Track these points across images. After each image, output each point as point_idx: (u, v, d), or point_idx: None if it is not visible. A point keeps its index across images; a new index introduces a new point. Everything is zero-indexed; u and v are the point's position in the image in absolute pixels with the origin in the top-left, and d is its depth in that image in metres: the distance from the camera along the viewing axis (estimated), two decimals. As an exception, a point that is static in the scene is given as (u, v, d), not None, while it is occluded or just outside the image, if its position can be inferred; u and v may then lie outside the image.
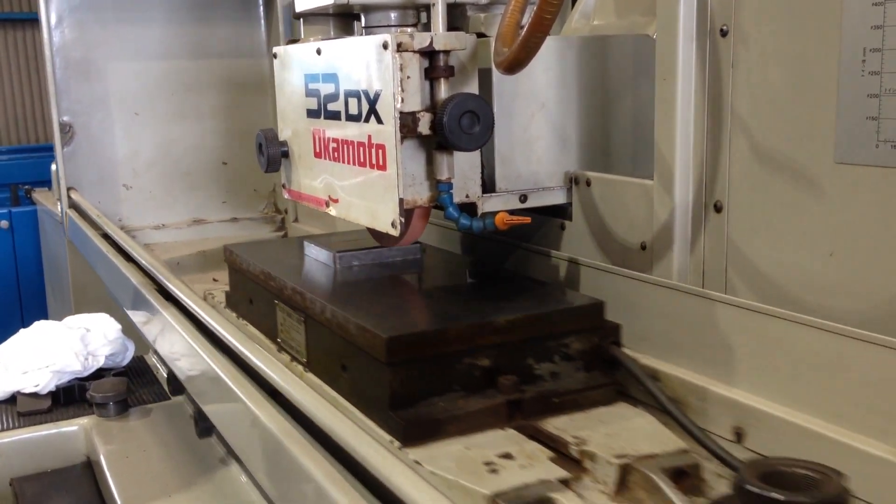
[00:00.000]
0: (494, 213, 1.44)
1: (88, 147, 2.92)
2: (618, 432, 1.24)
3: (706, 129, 1.30)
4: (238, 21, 3.09)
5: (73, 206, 2.83)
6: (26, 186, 5.10)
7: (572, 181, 1.56)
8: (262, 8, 3.11)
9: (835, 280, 1.14)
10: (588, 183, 1.52)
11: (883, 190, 1.07)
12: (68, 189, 2.88)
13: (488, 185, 1.52)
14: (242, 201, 3.19)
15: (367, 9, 1.55)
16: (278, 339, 1.69)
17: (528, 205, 1.55)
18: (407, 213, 1.41)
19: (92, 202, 2.89)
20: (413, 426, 1.22)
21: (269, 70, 3.14)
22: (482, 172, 1.47)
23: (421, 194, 1.41)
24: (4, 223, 5.08)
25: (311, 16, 1.66)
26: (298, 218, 3.12)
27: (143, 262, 1.92)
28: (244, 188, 3.18)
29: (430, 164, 1.40)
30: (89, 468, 1.98)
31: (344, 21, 1.67)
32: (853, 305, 1.12)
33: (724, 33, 1.25)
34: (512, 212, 1.46)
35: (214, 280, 2.71)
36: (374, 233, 1.67)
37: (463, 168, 1.44)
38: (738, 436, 1.24)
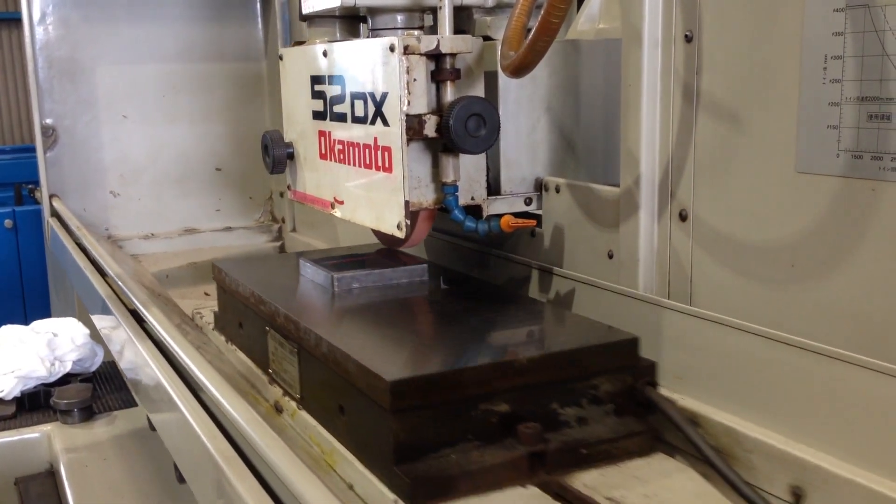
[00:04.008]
0: (499, 216, 1.45)
1: (73, 152, 2.75)
2: (658, 492, 1.08)
3: (672, 136, 1.28)
4: (234, 21, 2.92)
5: (55, 214, 2.66)
6: (30, 186, 5.04)
7: (542, 188, 1.54)
8: (259, 7, 2.94)
9: (795, 292, 1.11)
10: (557, 189, 1.50)
11: (843, 200, 1.04)
12: (51, 196, 2.70)
13: (493, 188, 1.52)
14: (237, 209, 3.01)
15: (374, 11, 1.55)
16: (270, 370, 1.52)
17: (532, 208, 1.55)
18: (412, 215, 1.42)
19: (77, 210, 2.72)
20: (421, 484, 1.05)
21: (267, 72, 2.98)
22: (487, 175, 1.48)
23: (426, 196, 1.41)
24: (8, 222, 4.98)
25: (318, 18, 1.65)
26: (296, 227, 2.95)
27: (117, 279, 1.76)
28: (239, 196, 3.01)
29: (436, 166, 1.41)
30: (52, 476, 1.94)
31: (350, 23, 1.68)
32: (813, 319, 1.09)
33: (688, 39, 1.23)
34: (517, 215, 1.47)
35: (206, 295, 2.55)
36: (379, 234, 1.65)
37: (468, 170, 1.43)
38: (796, 497, 1.07)
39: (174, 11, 2.83)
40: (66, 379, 2.20)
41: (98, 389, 2.20)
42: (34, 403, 2.12)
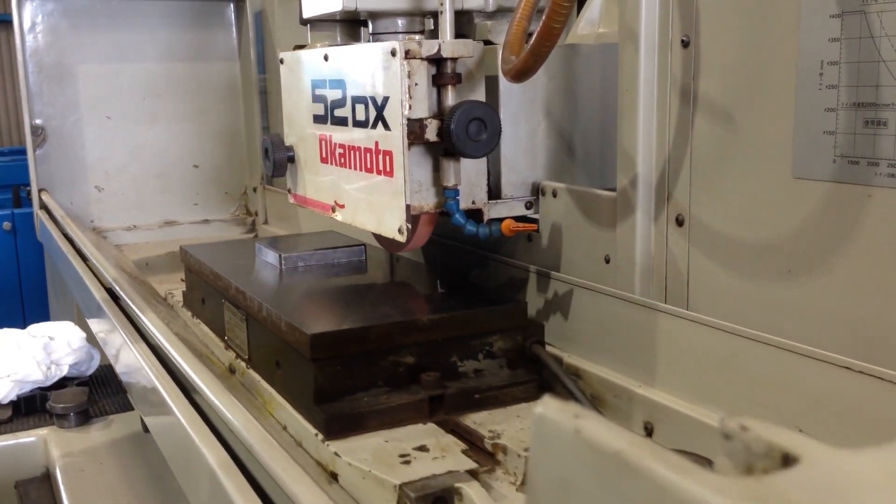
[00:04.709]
0: (500, 220, 1.47)
1: (61, 149, 2.98)
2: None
3: (668, 140, 1.27)
4: (209, 26, 3.14)
5: (44, 206, 2.88)
6: (28, 188, 4.99)
7: (539, 192, 1.55)
8: (233, 13, 3.17)
9: (792, 297, 1.12)
10: (554, 194, 1.52)
11: (839, 206, 1.05)
12: (39, 191, 2.93)
13: (494, 192, 1.53)
14: (214, 203, 3.24)
15: (375, 15, 1.56)
16: (226, 338, 1.74)
17: (533, 212, 1.56)
18: (413, 219, 1.42)
19: (64, 203, 2.95)
20: (335, 420, 1.27)
21: (241, 74, 3.20)
22: (488, 179, 1.49)
23: (427, 200, 1.42)
24: (7, 225, 5.05)
25: (318, 22, 1.66)
26: (268, 220, 3.18)
27: (94, 260, 1.97)
28: (216, 191, 3.23)
29: (437, 170, 1.42)
30: (48, 481, 1.96)
31: (351, 27, 1.68)
32: (809, 324, 1.10)
33: (685, 44, 1.23)
34: (518, 219, 1.49)
35: (182, 280, 2.76)
36: (379, 238, 1.68)
37: (469, 175, 1.45)
38: (648, 430, 1.30)
39: (153, 20, 3.05)
40: (63, 383, 2.22)
41: (94, 393, 2.23)
42: (30, 407, 2.14)
